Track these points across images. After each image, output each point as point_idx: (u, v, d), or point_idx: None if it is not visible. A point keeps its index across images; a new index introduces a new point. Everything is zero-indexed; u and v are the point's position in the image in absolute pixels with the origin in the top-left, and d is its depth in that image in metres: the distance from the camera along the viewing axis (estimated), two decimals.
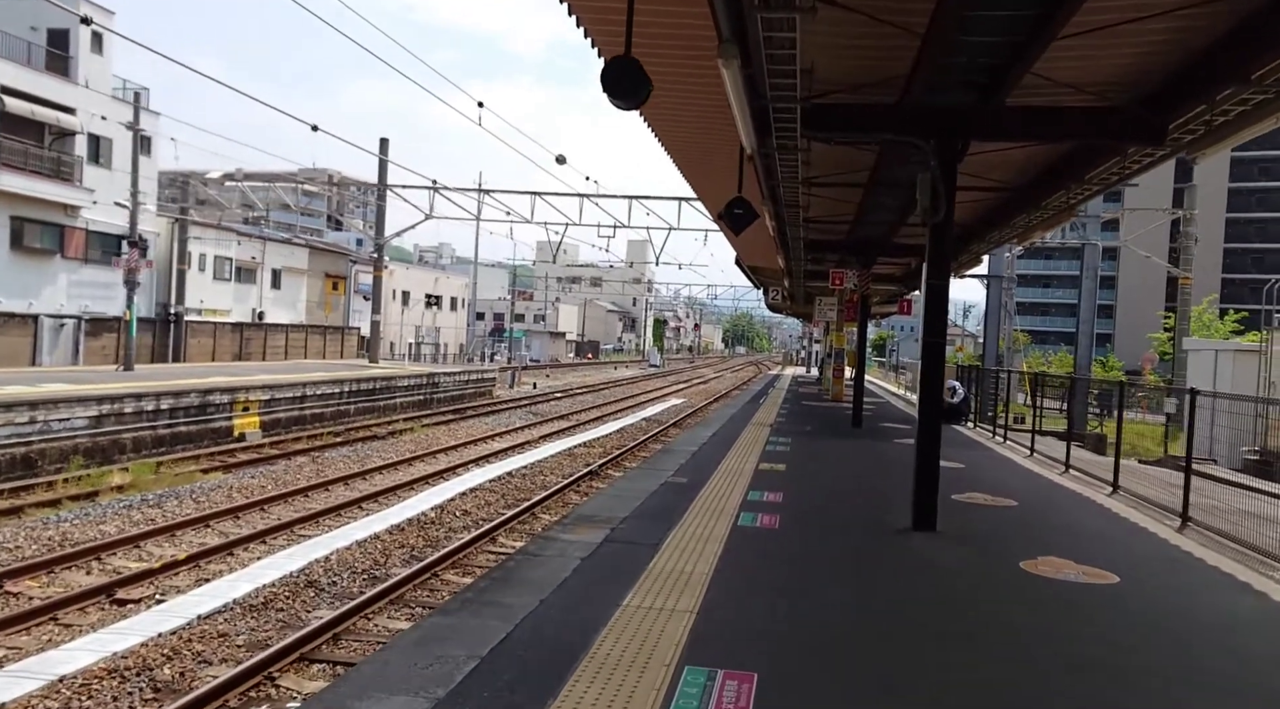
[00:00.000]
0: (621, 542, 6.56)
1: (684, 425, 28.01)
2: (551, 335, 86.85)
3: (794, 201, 10.25)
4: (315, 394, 23.40)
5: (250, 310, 40.67)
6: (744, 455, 12.07)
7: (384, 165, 32.69)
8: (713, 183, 10.47)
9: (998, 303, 22.63)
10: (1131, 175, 8.66)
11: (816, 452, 13.13)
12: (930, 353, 7.38)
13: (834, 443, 14.51)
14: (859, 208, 12.31)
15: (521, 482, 16.39)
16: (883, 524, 7.82)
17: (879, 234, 15.16)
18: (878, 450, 13.75)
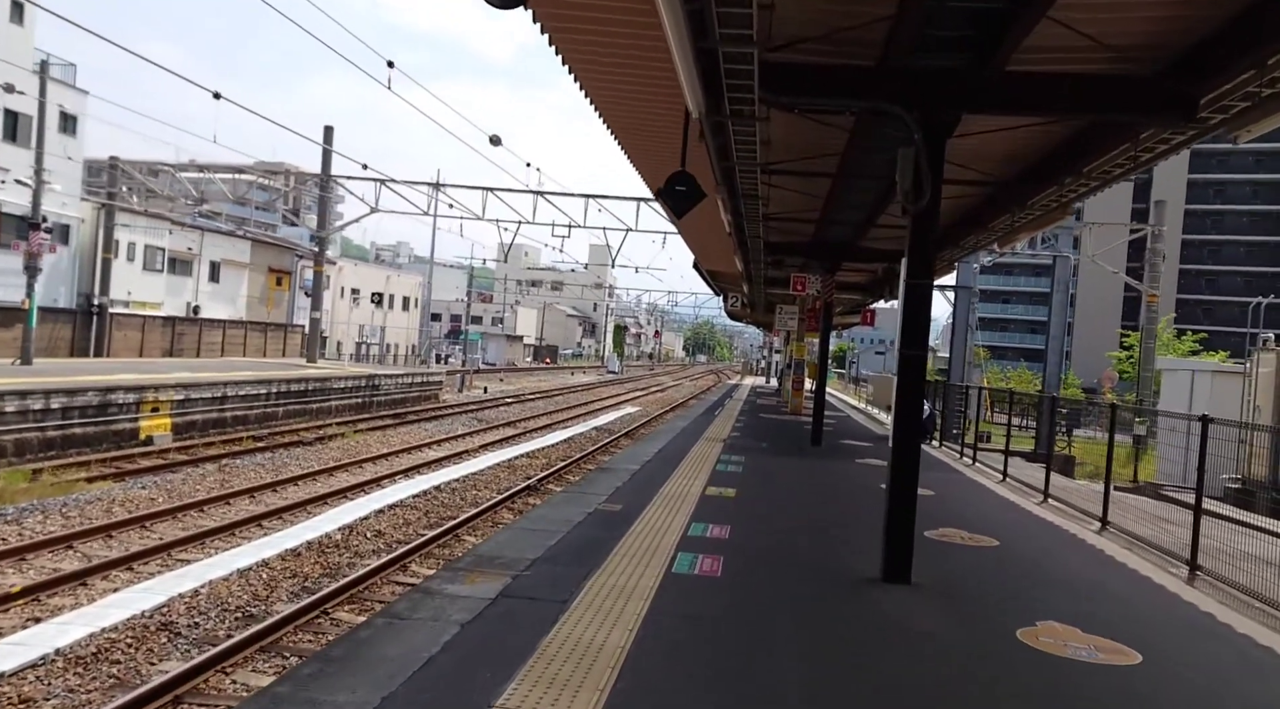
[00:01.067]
0: (521, 597, 5.20)
1: (636, 436, 26.70)
2: (509, 339, 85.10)
3: (753, 191, 8.99)
4: (238, 395, 21.68)
5: (185, 304, 38.61)
6: (691, 476, 10.77)
7: (328, 155, 31.02)
8: (654, 152, 9.03)
9: (965, 315, 21.68)
10: (1141, 166, 7.53)
11: (772, 473, 11.86)
12: (909, 368, 6.13)
13: (791, 463, 13.27)
14: (825, 203, 11.10)
15: (450, 497, 14.93)
16: (847, 572, 6.54)
17: (846, 236, 13.99)
18: (839, 473, 12.53)
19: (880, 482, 11.52)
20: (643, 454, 13.07)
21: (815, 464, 13.35)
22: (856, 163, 8.73)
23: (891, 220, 11.31)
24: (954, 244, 12.98)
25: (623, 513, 8.03)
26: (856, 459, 14.13)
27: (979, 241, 13.18)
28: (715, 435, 16.47)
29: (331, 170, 31.40)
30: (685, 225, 17.18)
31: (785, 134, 8.07)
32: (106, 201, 31.20)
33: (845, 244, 15.01)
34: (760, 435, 17.48)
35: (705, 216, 15.74)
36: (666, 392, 54.09)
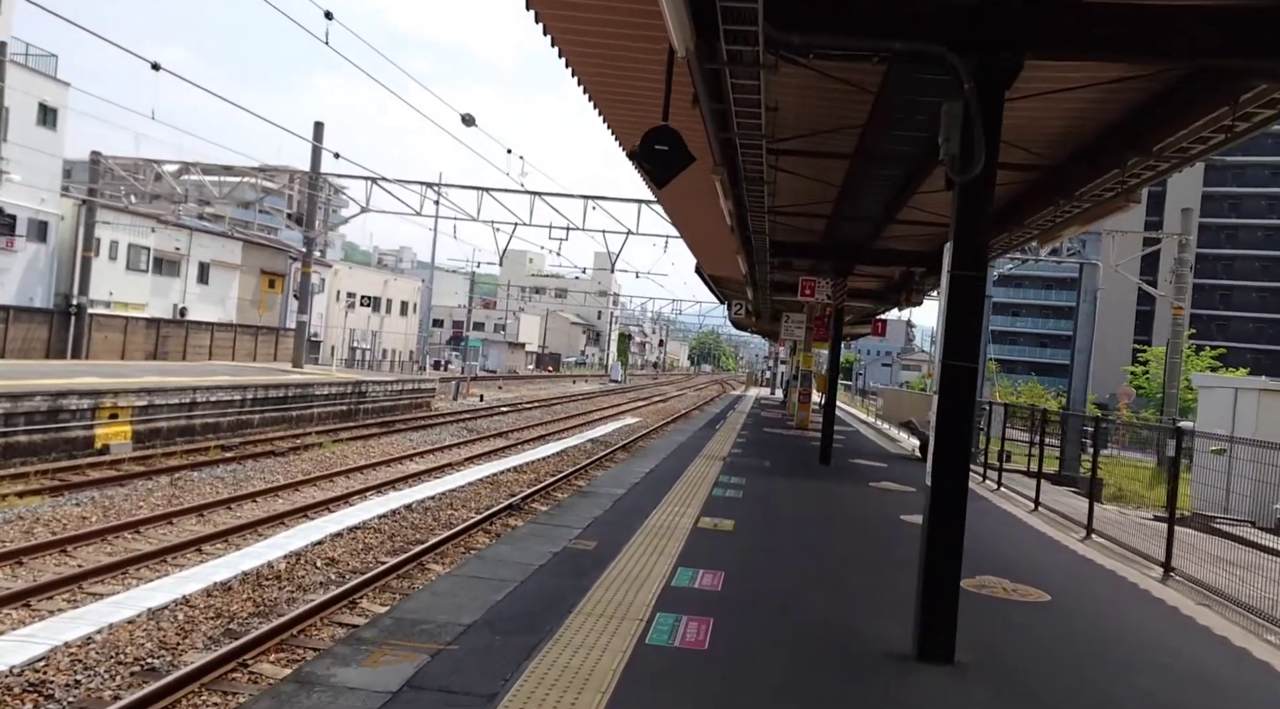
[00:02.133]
0: (434, 689, 3.85)
1: (632, 449, 25.34)
2: (510, 346, 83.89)
3: (757, 174, 7.67)
4: (209, 400, 20.39)
5: (172, 306, 37.41)
6: (683, 502, 9.41)
7: (317, 152, 29.80)
8: (633, 101, 7.56)
9: (987, 323, 20.31)
10: (1238, 138, 6.15)
11: (776, 499, 10.50)
12: (955, 383, 4.77)
13: (798, 486, 11.91)
14: (840, 193, 9.78)
15: (422, 517, 13.59)
16: (871, 642, 5.18)
17: (861, 235, 12.65)
18: (853, 499, 11.15)
19: (901, 511, 10.16)
20: (633, 474, 11.72)
21: (825, 488, 11.98)
22: (880, 139, 7.41)
23: (915, 215, 10.00)
24: None
25: (596, 553, 6.68)
26: (871, 482, 12.75)
27: (1013, 240, 11.80)
28: (715, 452, 15.11)
29: (321, 168, 30.17)
30: (685, 225, 15.86)
31: (796, 102, 6.75)
32: (87, 198, 30.02)
33: (859, 244, 13.67)
34: (764, 452, 16.11)
35: (706, 216, 14.41)
36: (669, 402, 52.72)
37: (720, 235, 14.79)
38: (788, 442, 19.29)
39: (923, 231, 11.50)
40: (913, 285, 14.49)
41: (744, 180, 7.80)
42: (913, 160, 7.77)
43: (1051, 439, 21.42)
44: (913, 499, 11.47)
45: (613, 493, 9.76)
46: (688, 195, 12.36)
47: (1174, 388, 26.00)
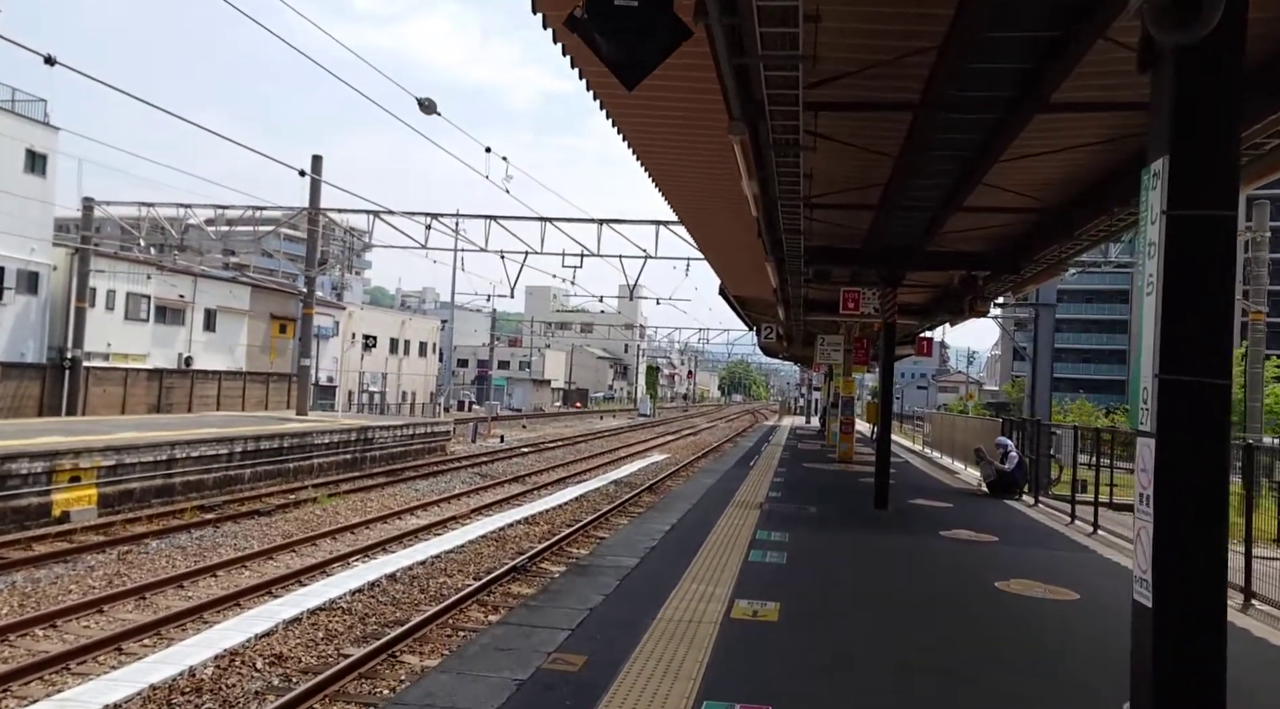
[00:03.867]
0: None
1: (660, 490, 23.19)
2: (535, 383, 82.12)
3: (791, 136, 5.61)
4: (191, 456, 18.56)
5: (176, 356, 35.97)
6: (711, 576, 7.28)
7: (316, 185, 28.28)
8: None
9: (1048, 339, 17.96)
10: None
11: (830, 562, 8.33)
12: (1186, 413, 2.64)
13: (854, 542, 9.71)
14: (894, 171, 7.70)
15: (406, 589, 11.53)
16: None
17: (913, 234, 10.56)
18: (927, 560, 8.91)
19: (992, 574, 7.83)
20: (650, 533, 9.58)
21: (888, 543, 9.76)
22: (956, 73, 5.34)
23: (990, 196, 7.92)
24: (1063, 234, 9.46)
25: (581, 680, 4.57)
26: (941, 531, 10.50)
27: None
28: (749, 498, 12.94)
29: (321, 203, 28.63)
30: (705, 238, 13.84)
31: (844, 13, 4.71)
32: (79, 246, 28.67)
33: (911, 247, 11.57)
34: (806, 495, 13.90)
35: (727, 228, 12.38)
36: (699, 435, 50.50)
37: (745, 248, 12.76)
38: (832, 479, 17.04)
39: (992, 223, 9.45)
40: (976, 292, 12.33)
41: (772, 147, 5.78)
42: (1001, 106, 5.71)
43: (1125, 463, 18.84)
44: (1000, 554, 9.24)
45: (620, 565, 7.63)
46: (705, 201, 10.40)
47: (1255, 401, 23.41)
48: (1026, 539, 10.47)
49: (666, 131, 7.64)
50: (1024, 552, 9.49)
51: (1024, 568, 8.35)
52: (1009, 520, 12.03)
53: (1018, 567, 8.40)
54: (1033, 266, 11.43)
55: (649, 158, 8.86)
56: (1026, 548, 9.79)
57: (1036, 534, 11.02)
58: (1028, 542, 10.26)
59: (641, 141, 8.25)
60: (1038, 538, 10.68)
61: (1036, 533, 11.12)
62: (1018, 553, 9.35)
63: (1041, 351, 17.38)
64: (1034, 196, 8.28)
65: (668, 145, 8.35)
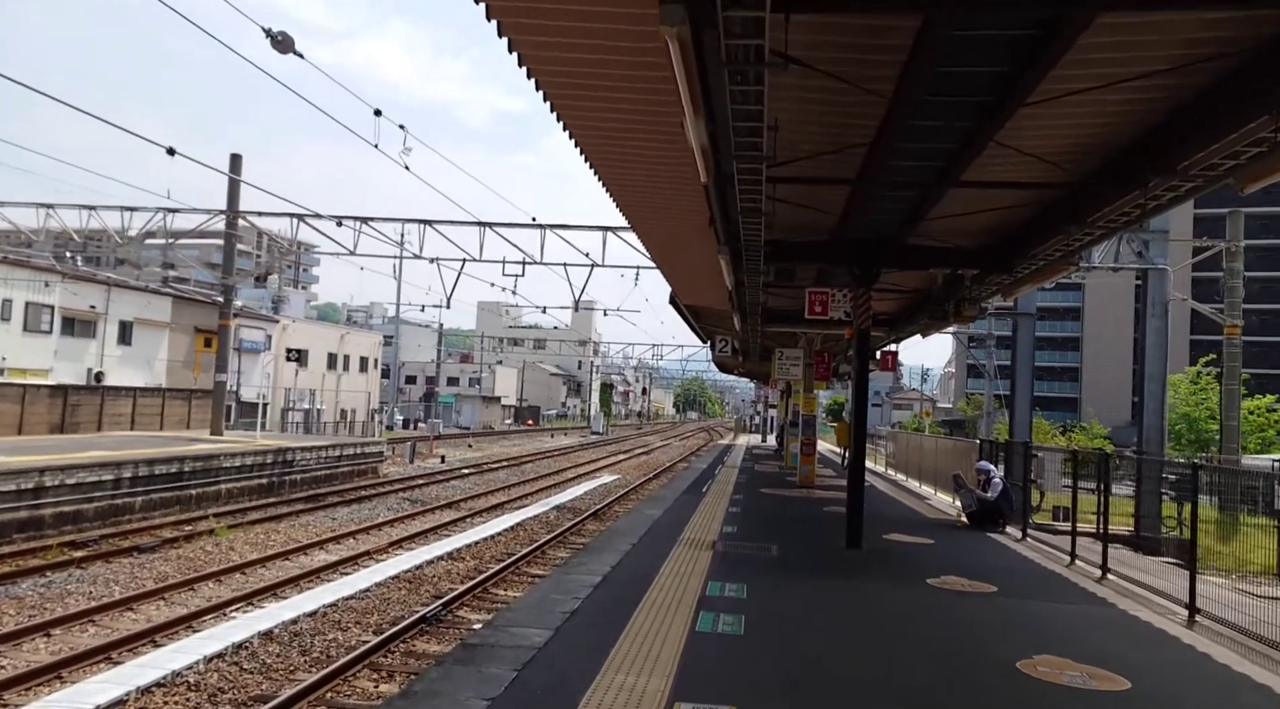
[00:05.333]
0: None
1: (604, 516, 21.27)
2: (485, 400, 79.61)
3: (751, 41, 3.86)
4: (66, 483, 16.22)
5: (86, 371, 33.21)
6: (644, 662, 5.41)
7: (235, 186, 26.02)
8: None
9: (1028, 351, 16.39)
10: None
11: (800, 635, 6.49)
12: None
13: (827, 597, 7.89)
14: (886, 121, 5.95)
15: (282, 652, 9.45)
16: None
17: (893, 221, 8.87)
18: (923, 625, 7.08)
19: (1011, 649, 5.99)
20: (577, 585, 7.68)
21: (868, 597, 7.95)
22: (941, 51, 3.60)
23: (996, 168, 6.21)
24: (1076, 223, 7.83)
25: None
26: (928, 579, 8.73)
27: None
28: (700, 534, 11.09)
29: (240, 206, 26.34)
30: (653, 232, 12.03)
31: None
32: None
33: (887, 241, 9.90)
34: (766, 529, 12.10)
35: (678, 216, 10.63)
36: (652, 454, 48.65)
37: (697, 242, 10.99)
38: (794, 509, 15.27)
39: (993, 205, 7.79)
40: (962, 294, 10.68)
41: (725, 62, 3.99)
42: (986, 84, 3.99)
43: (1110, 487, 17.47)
44: (1007, 613, 7.51)
45: (524, 643, 5.70)
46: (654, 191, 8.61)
47: (1233, 419, 22.25)
48: (1029, 588, 8.76)
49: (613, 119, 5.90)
50: (1032, 608, 7.77)
51: (1043, 634, 6.63)
52: (1001, 562, 10.34)
53: (1034, 632, 6.69)
54: (1028, 264, 9.83)
55: (589, 143, 7.10)
56: (1032, 601, 8.08)
57: (1037, 580, 9.32)
58: (1031, 592, 8.55)
59: (576, 122, 6.50)
60: (1041, 586, 8.97)
61: (1037, 578, 9.42)
62: (1026, 610, 7.63)
63: (1021, 366, 15.85)
64: (1053, 163, 6.62)
65: (609, 127, 6.62)
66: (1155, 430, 16.52)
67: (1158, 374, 16.41)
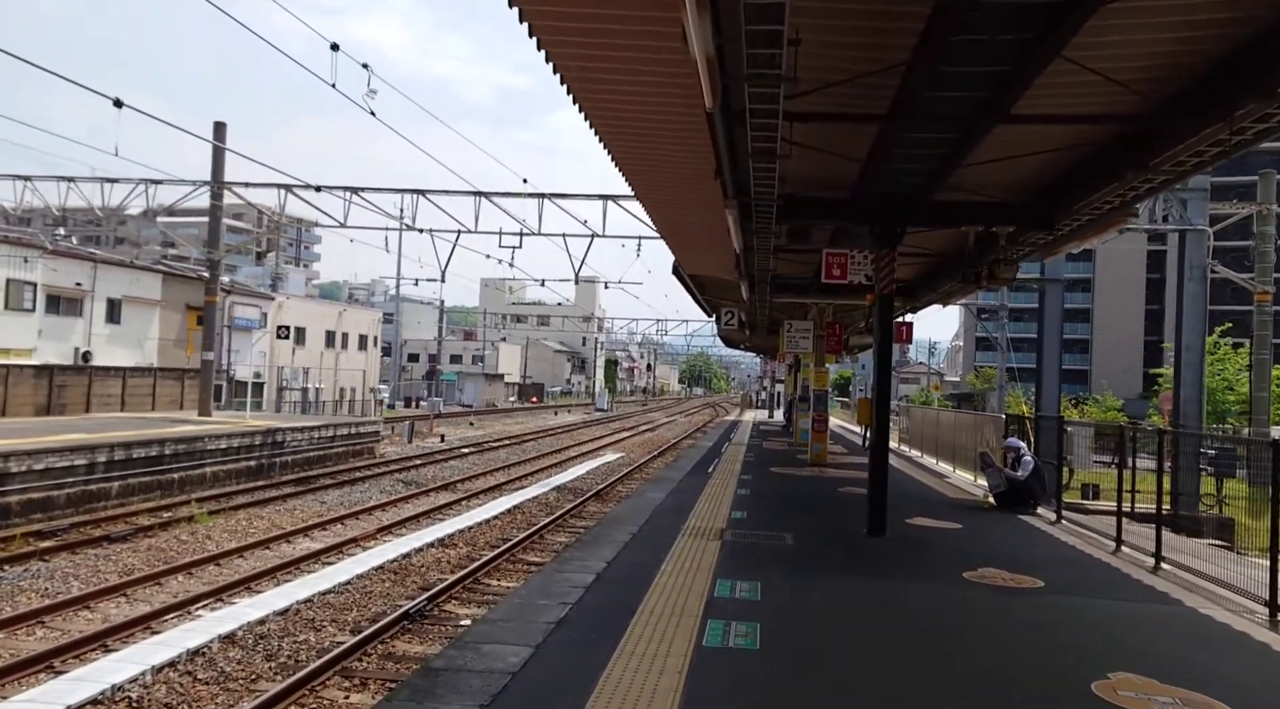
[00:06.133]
0: None
1: (606, 497, 20.35)
2: (488, 378, 78.71)
3: None
4: (34, 469, 15.32)
5: (74, 350, 32.29)
6: (640, 693, 4.44)
7: (219, 155, 24.94)
8: None
9: (1058, 317, 15.25)
10: None
11: (826, 649, 5.51)
12: None
13: (854, 598, 6.91)
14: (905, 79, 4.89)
15: (245, 657, 8.53)
16: None
17: (917, 179, 7.83)
18: (964, 630, 6.11)
19: (1078, 659, 4.98)
20: (566, 587, 6.72)
21: (900, 597, 6.97)
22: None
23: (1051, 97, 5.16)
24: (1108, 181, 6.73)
25: None
26: (964, 572, 7.76)
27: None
28: (707, 521, 10.12)
29: (225, 175, 25.26)
30: (656, 194, 10.96)
31: None
32: None
33: (913, 197, 8.84)
34: (779, 514, 11.13)
35: (683, 177, 9.58)
36: (657, 431, 47.77)
37: (701, 208, 9.94)
38: (807, 490, 14.30)
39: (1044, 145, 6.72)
40: (996, 254, 9.60)
41: None
42: None
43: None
44: (1061, 612, 6.54)
45: (498, 666, 4.72)
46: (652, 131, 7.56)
47: (1263, 390, 21.18)
48: (1078, 581, 7.78)
49: None
50: (1089, 607, 6.79)
51: (1111, 643, 5.66)
52: (1040, 550, 9.36)
53: (1100, 641, 5.71)
54: (1071, 220, 8.75)
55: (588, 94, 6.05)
56: (1086, 598, 7.10)
57: (1085, 571, 8.34)
58: (1082, 586, 7.58)
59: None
60: (1091, 579, 7.99)
61: (1084, 569, 8.44)
62: (1082, 610, 6.65)
63: (1049, 335, 14.77)
64: (1124, 85, 5.55)
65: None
66: (1193, 403, 15.46)
67: (1195, 343, 15.31)
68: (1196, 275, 15.33)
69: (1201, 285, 15.34)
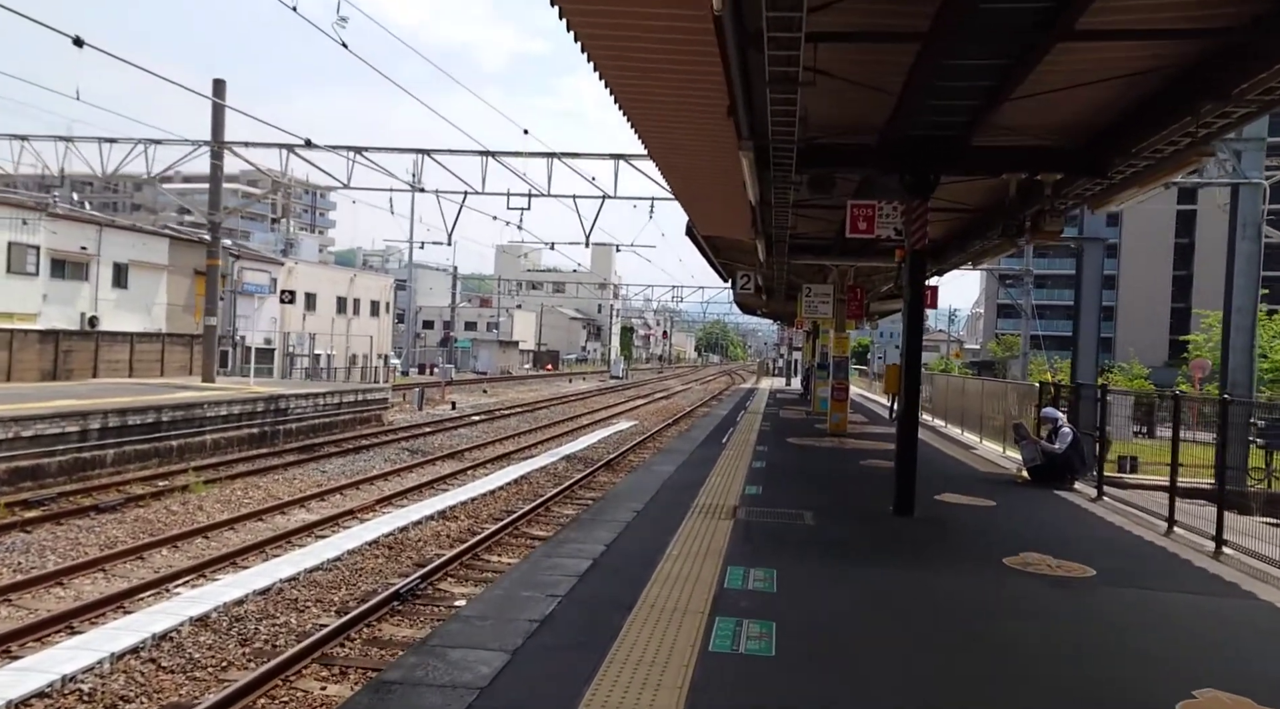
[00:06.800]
0: None
1: (617, 467, 19.66)
2: (502, 344, 78.13)
3: None
4: (22, 436, 14.78)
5: (80, 315, 31.85)
6: (643, 687, 3.70)
7: (219, 113, 24.14)
8: None
9: (1096, 279, 14.24)
10: None
11: (855, 657, 4.75)
12: None
13: (882, 590, 6.14)
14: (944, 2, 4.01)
15: (218, 642, 7.89)
16: None
17: (963, 108, 6.93)
18: (1014, 632, 5.31)
19: (1156, 674, 3.91)
20: (555, 575, 5.99)
21: (935, 590, 6.18)
22: None
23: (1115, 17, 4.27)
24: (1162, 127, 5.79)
25: None
26: (1003, 558, 6.96)
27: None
28: (719, 498, 9.37)
29: (225, 135, 24.48)
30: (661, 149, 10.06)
31: None
32: None
33: (951, 141, 7.92)
34: (797, 489, 10.37)
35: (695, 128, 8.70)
36: (672, 398, 47.07)
37: (713, 159, 9.06)
38: (827, 462, 13.52)
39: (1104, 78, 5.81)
40: (1041, 206, 8.66)
41: None
42: None
43: None
44: (1122, 608, 5.76)
45: (463, 680, 4.00)
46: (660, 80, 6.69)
47: None
48: (1133, 570, 6.98)
49: None
50: (1151, 602, 5.99)
51: (1187, 651, 4.87)
52: (1084, 531, 8.55)
53: (1174, 649, 4.92)
54: (1128, 163, 7.81)
55: None
56: (1145, 590, 6.30)
57: (1138, 557, 7.52)
58: (1138, 576, 6.78)
59: None
60: (1146, 567, 7.19)
61: (1136, 555, 7.62)
62: (1144, 606, 5.85)
63: (1087, 298, 13.80)
64: None
65: None
66: (1243, 370, 14.45)
67: (1247, 305, 14.27)
68: (1250, 232, 14.26)
69: (1255, 244, 14.27)
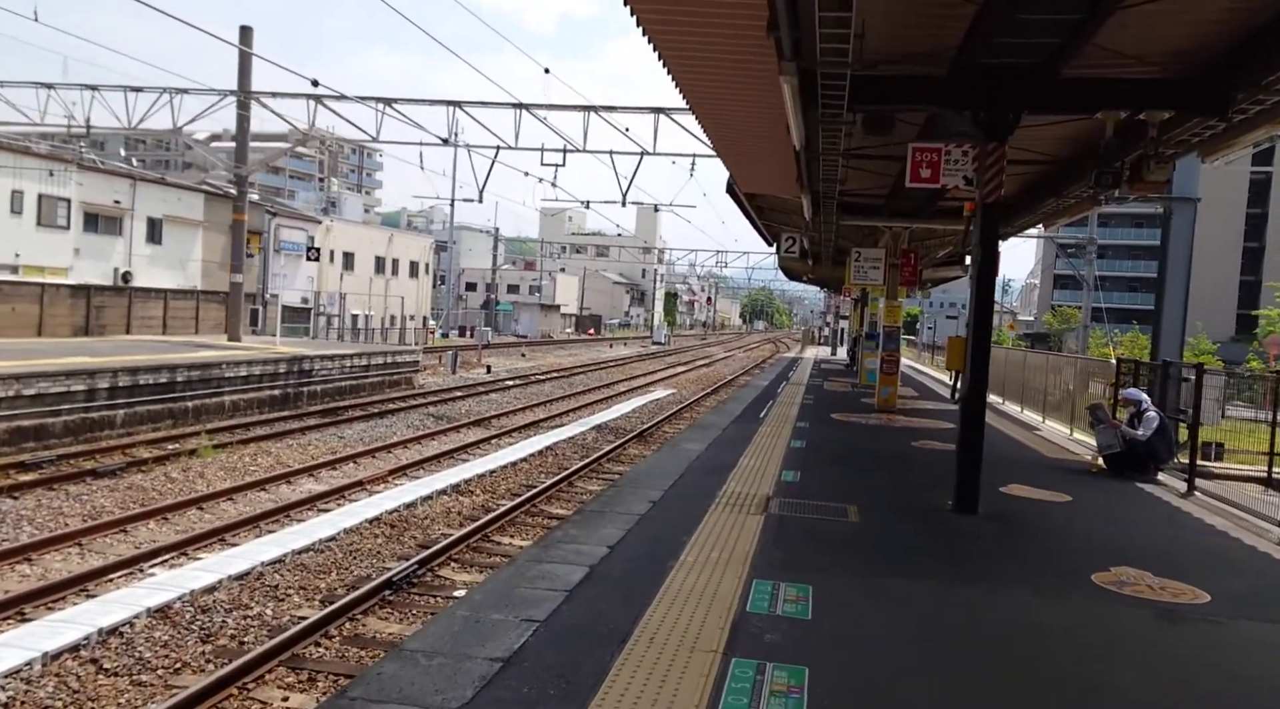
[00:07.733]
0: None
1: (650, 439, 18.59)
2: (544, 308, 77.33)
3: None
4: (24, 395, 14.14)
5: (113, 271, 31.51)
6: None
7: (246, 59, 23.24)
8: None
9: (1185, 245, 12.64)
10: None
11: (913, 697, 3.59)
12: None
13: (948, 620, 4.95)
14: None
15: (177, 637, 7.00)
16: None
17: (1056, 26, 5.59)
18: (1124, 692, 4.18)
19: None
20: (544, 586, 4.91)
21: (1012, 617, 4.98)
22: None
23: None
24: None
25: None
26: (1093, 574, 5.73)
27: None
28: (750, 486, 8.22)
29: (251, 85, 23.60)
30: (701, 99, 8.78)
31: None
32: None
33: (1033, 71, 6.57)
34: (841, 477, 9.18)
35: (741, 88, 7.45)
36: (713, 366, 45.83)
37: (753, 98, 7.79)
38: (875, 443, 12.27)
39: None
40: (1144, 150, 7.25)
41: None
42: None
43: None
44: (1263, 657, 4.51)
45: None
46: None
47: None
48: (1255, 593, 5.71)
49: None
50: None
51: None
52: (1183, 537, 7.24)
53: None
54: (1256, 99, 6.38)
55: None
56: (1277, 625, 5.03)
57: (1257, 576, 6.22)
58: (1262, 602, 5.51)
59: None
60: (1270, 588, 5.91)
61: (1255, 572, 6.32)
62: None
63: (1174, 265, 12.25)
64: None
65: None
66: None
67: None
68: None
69: None
